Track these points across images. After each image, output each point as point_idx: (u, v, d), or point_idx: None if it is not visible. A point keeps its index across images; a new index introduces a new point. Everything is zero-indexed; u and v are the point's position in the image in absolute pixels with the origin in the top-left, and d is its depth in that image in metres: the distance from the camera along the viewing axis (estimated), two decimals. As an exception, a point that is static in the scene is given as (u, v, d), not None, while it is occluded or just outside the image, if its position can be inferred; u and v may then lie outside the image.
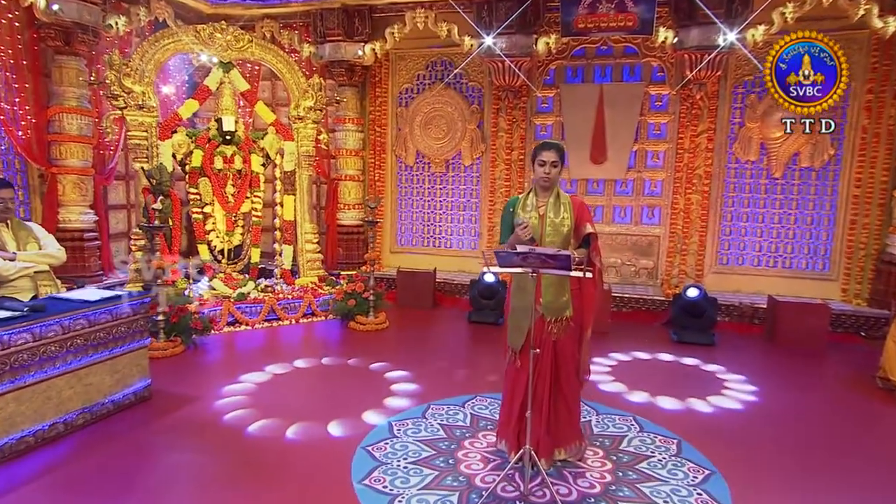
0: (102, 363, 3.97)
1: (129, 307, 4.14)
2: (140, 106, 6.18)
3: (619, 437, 3.83)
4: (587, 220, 3.22)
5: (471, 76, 8.10)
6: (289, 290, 7.05)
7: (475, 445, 3.67)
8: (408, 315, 7.22)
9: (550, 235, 3.18)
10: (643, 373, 5.24)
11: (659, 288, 7.57)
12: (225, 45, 6.73)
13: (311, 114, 7.28)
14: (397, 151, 8.51)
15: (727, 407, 4.48)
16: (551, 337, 3.25)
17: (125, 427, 3.89)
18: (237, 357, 5.57)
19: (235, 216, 7.00)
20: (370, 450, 3.58)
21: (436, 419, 4.06)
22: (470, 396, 4.48)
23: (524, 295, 3.23)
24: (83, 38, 6.32)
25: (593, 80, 7.60)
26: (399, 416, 4.09)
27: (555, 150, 3.21)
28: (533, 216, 3.20)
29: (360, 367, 5.22)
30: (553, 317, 3.23)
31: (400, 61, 8.37)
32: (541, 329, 3.24)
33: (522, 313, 3.24)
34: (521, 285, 3.25)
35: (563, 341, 3.27)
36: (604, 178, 7.73)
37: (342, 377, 5.00)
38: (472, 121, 8.07)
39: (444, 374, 5.09)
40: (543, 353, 3.26)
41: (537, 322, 3.22)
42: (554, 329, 3.24)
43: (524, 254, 2.85)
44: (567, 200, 3.22)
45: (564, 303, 3.24)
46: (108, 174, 7.16)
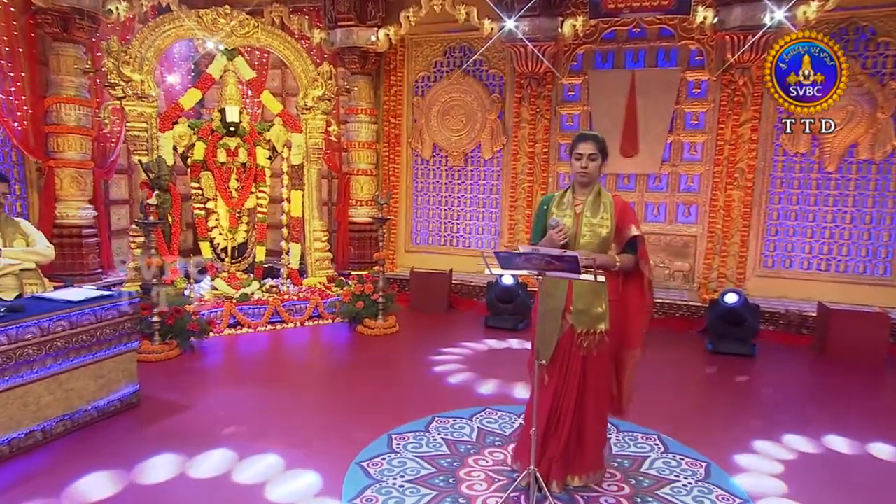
0: (85, 367, 3.93)
1: (114, 308, 4.10)
2: (139, 95, 6.18)
3: (640, 457, 3.64)
4: (632, 221, 3.06)
5: (491, 63, 7.95)
6: (295, 290, 7.00)
7: (480, 463, 3.53)
8: (421, 319, 7.11)
9: (586, 237, 3.02)
10: (674, 384, 5.03)
11: (695, 293, 7.31)
12: (229, 31, 6.70)
13: (320, 104, 7.22)
14: (413, 144, 8.41)
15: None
16: (581, 351, 3.08)
17: (109, 436, 3.85)
18: (235, 362, 5.53)
19: (239, 212, 6.98)
20: (365, 466, 3.47)
21: (439, 433, 3.93)
22: (479, 409, 4.35)
23: (552, 301, 3.09)
24: (81, 24, 6.37)
25: (624, 65, 7.39)
26: (399, 429, 3.98)
27: (592, 141, 3.05)
28: (568, 215, 3.06)
29: (363, 373, 5.12)
30: (584, 328, 3.06)
31: (416, 47, 8.27)
32: (569, 341, 3.08)
33: (551, 322, 3.09)
34: (549, 290, 3.09)
35: (595, 358, 3.09)
36: (635, 173, 7.52)
37: (342, 384, 4.91)
38: (493, 111, 7.93)
39: (453, 382, 4.96)
40: (570, 369, 3.10)
41: (566, 333, 3.08)
42: (584, 343, 3.07)
43: (527, 254, 2.70)
44: (609, 200, 3.07)
45: (599, 314, 3.06)
46: (108, 168, 7.21)
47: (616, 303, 3.10)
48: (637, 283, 3.12)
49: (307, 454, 3.63)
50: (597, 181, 3.11)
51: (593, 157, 3.05)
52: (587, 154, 3.04)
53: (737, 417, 4.37)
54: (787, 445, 3.91)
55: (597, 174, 3.08)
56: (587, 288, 3.02)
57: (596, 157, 3.05)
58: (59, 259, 6.54)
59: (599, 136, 3.11)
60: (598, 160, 3.06)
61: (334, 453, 3.63)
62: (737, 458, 3.68)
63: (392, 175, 8.44)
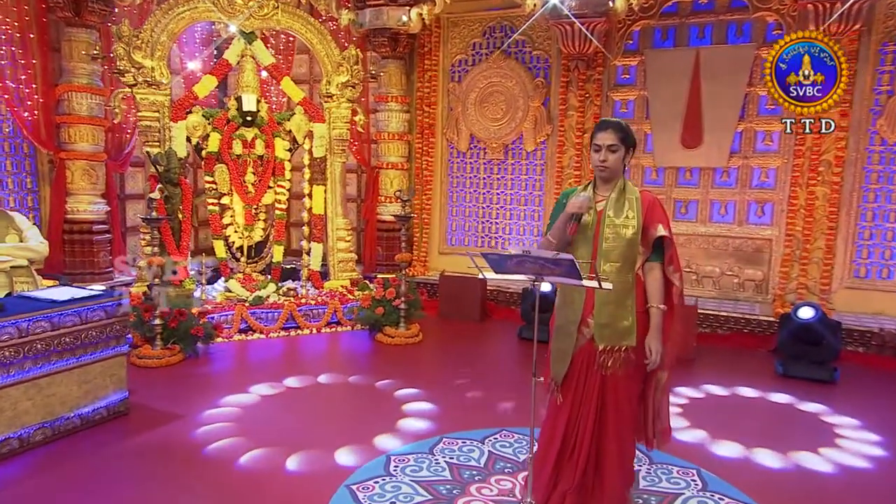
0: (68, 372, 4.04)
1: (101, 309, 4.19)
2: (149, 82, 6.36)
3: (671, 495, 3.42)
4: (660, 220, 2.88)
5: (535, 43, 7.80)
6: (315, 294, 7.04)
7: (483, 492, 3.41)
8: (448, 328, 7.02)
9: (609, 240, 2.88)
10: (726, 413, 4.75)
11: (769, 305, 6.92)
12: (247, 13, 6.82)
13: (344, 91, 7.25)
14: (448, 135, 8.34)
15: (845, 463, 3.93)
16: (601, 370, 2.92)
17: (91, 446, 3.94)
18: (240, 370, 5.59)
19: (256, 208, 7.08)
20: (354, 489, 3.41)
21: (444, 455, 3.84)
22: (493, 431, 4.23)
23: (571, 311, 2.95)
24: (94, 7, 6.60)
25: (688, 43, 7.11)
26: (400, 450, 3.91)
27: (612, 129, 2.89)
28: (589, 213, 2.92)
29: (364, 386, 5.12)
30: (607, 344, 2.89)
31: (452, 28, 8.21)
32: (587, 358, 2.93)
33: (568, 335, 2.97)
34: (567, 298, 2.98)
35: (618, 380, 2.92)
36: (699, 167, 7.22)
37: (340, 399, 4.91)
38: (537, 97, 7.77)
39: (470, 400, 4.87)
40: (586, 391, 2.96)
41: (582, 348, 2.94)
42: (607, 361, 2.91)
43: (518, 257, 2.58)
44: (635, 196, 2.91)
45: (625, 328, 2.89)
46: (123, 160, 7.45)
47: (644, 315, 2.93)
48: (666, 291, 2.94)
49: (294, 473, 3.61)
50: (621, 175, 2.96)
51: (613, 149, 2.88)
52: (606, 145, 2.88)
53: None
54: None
55: (619, 168, 2.92)
56: (611, 296, 2.87)
57: (617, 148, 2.88)
58: (68, 256, 6.87)
59: (622, 123, 2.95)
60: (620, 152, 2.89)
61: (324, 473, 3.59)
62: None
63: (425, 169, 8.40)
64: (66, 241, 6.82)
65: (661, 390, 3.02)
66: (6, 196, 6.64)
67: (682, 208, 7.36)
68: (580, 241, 2.94)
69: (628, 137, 2.91)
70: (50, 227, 6.81)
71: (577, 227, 2.89)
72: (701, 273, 7.32)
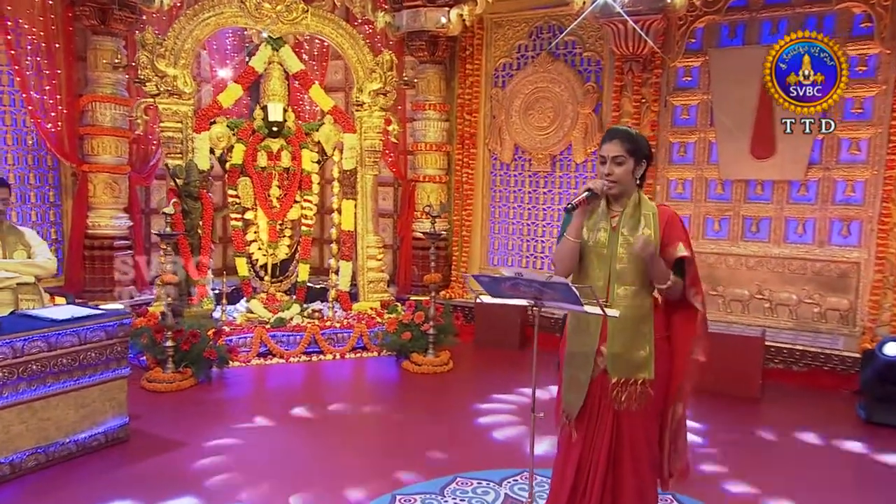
0: (65, 395, 4.20)
1: (101, 329, 4.35)
2: (171, 92, 6.61)
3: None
4: (679, 238, 2.84)
5: (586, 44, 7.74)
6: (341, 316, 7.12)
7: (489, 544, 3.34)
8: (483, 356, 6.97)
9: (623, 260, 2.84)
10: (786, 462, 4.53)
11: (857, 339, 6.58)
12: (274, 17, 7.02)
13: (377, 99, 7.35)
14: (490, 145, 8.35)
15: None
16: (614, 405, 2.86)
17: (85, 474, 4.08)
18: (253, 397, 5.70)
19: (281, 224, 7.24)
20: (350, 535, 3.39)
21: (455, 497, 3.81)
22: (516, 471, 4.16)
23: (587, 336, 2.92)
24: (120, 15, 6.93)
25: (759, 40, 6.90)
26: (409, 489, 3.90)
27: (619, 140, 2.86)
28: (602, 229, 2.90)
29: (379, 417, 5.13)
30: (621, 376, 2.85)
31: (496, 29, 8.24)
32: (600, 390, 2.89)
33: (581, 364, 2.94)
34: (581, 323, 2.95)
35: (633, 416, 2.86)
36: (772, 180, 6.98)
37: (352, 431, 4.93)
38: (587, 103, 7.69)
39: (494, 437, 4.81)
40: (599, 426, 2.90)
41: (597, 378, 2.90)
42: (621, 396, 2.85)
43: (511, 279, 2.56)
44: (652, 211, 2.88)
45: (642, 359, 2.85)
46: (148, 173, 7.76)
47: (662, 342, 2.89)
48: (685, 316, 2.89)
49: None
50: (634, 189, 2.91)
51: (619, 161, 2.83)
52: (611, 157, 2.84)
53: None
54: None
55: (628, 182, 2.87)
56: (626, 323, 2.82)
57: (623, 160, 2.83)
58: (88, 273, 7.17)
59: (632, 132, 2.91)
60: (628, 164, 2.84)
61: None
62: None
63: (465, 182, 8.41)
64: (86, 258, 7.12)
65: (677, 424, 2.94)
66: (28, 210, 7.02)
67: (752, 226, 7.12)
68: (593, 261, 2.90)
69: (639, 149, 2.86)
70: (71, 242, 7.14)
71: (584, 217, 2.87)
72: (775, 300, 7.03)
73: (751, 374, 5.92)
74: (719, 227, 7.26)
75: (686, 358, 2.87)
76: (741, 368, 5.91)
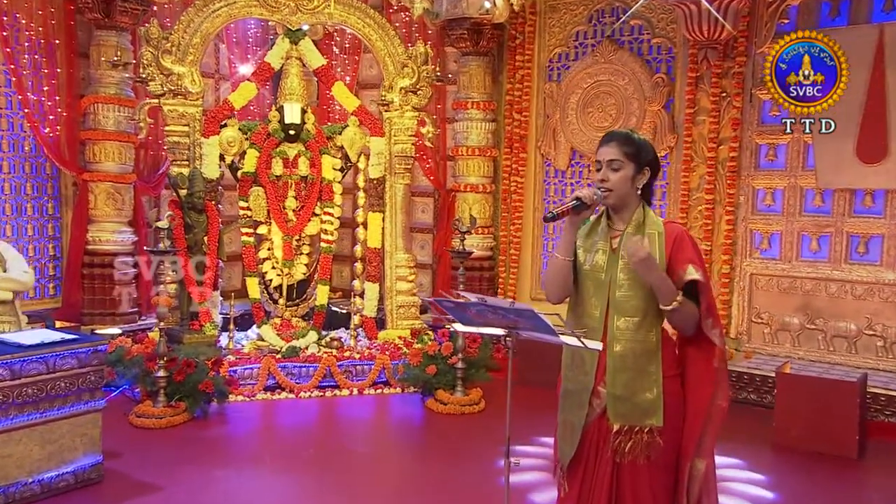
0: (29, 429, 4.32)
1: (72, 357, 4.48)
2: (175, 92, 6.82)
3: None
4: (689, 259, 2.77)
5: (655, 29, 7.63)
6: (364, 346, 7.15)
7: None
8: (522, 395, 6.75)
9: (624, 287, 2.80)
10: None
11: None
12: (293, 7, 7.18)
13: (408, 97, 7.40)
14: (543, 149, 8.30)
15: None
16: (616, 456, 2.79)
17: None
18: (252, 437, 5.78)
19: (298, 240, 7.34)
20: None
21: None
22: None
23: (582, 374, 2.88)
24: (125, 7, 7.22)
25: (869, 19, 6.71)
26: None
27: (617, 142, 2.82)
28: (601, 249, 2.87)
29: (378, 465, 5.17)
30: (624, 423, 2.78)
31: (551, 14, 8.24)
32: (597, 436, 2.84)
33: (578, 405, 2.88)
34: (576, 357, 2.91)
35: (639, 469, 2.78)
36: (884, 189, 6.70)
37: (341, 481, 4.93)
38: (656, 98, 7.57)
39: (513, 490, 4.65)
40: (596, 479, 2.84)
41: (593, 423, 2.85)
42: (624, 446, 2.78)
43: (475, 305, 2.54)
44: (657, 230, 2.83)
45: (648, 403, 2.78)
46: (156, 181, 8.04)
47: (673, 380, 2.82)
48: (700, 350, 2.82)
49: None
50: (638, 203, 2.85)
51: (616, 166, 2.78)
52: (606, 160, 2.80)
53: None
54: None
55: (627, 191, 2.81)
56: (628, 361, 2.77)
57: (620, 165, 2.77)
58: (87, 294, 7.44)
59: (634, 135, 2.86)
60: (626, 170, 2.78)
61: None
62: None
63: (514, 192, 8.41)
64: (84, 276, 7.39)
65: (699, 484, 2.80)
66: (25, 223, 7.35)
67: (858, 246, 6.81)
68: (589, 287, 2.86)
69: (640, 153, 2.80)
70: (69, 259, 7.44)
71: (576, 223, 2.80)
72: (891, 338, 6.66)
73: (845, 428, 5.59)
74: (818, 247, 6.99)
75: (704, 403, 2.78)
76: (833, 421, 5.61)
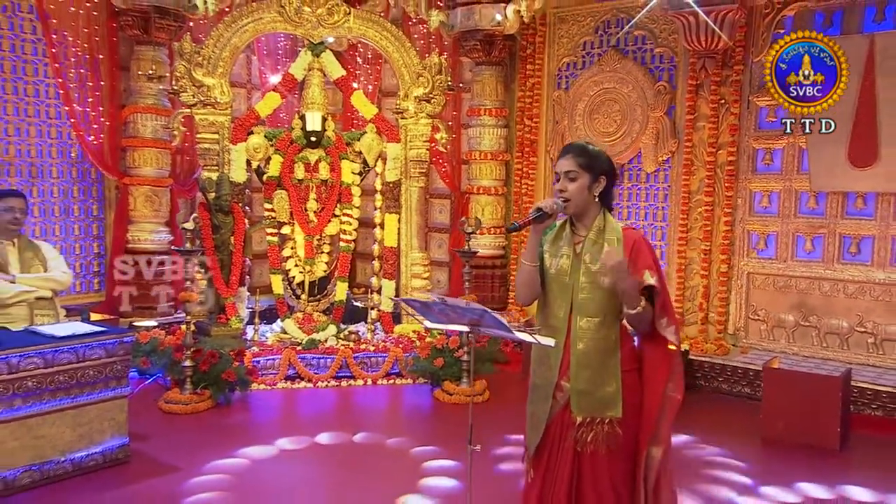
0: (61, 412, 4.65)
1: (100, 347, 4.80)
2: (205, 102, 7.13)
3: None
4: (645, 265, 2.89)
5: (658, 39, 7.71)
6: (380, 339, 7.39)
7: None
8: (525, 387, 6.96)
9: (585, 290, 2.92)
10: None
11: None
12: (315, 22, 7.43)
13: (423, 105, 7.60)
14: (552, 153, 8.41)
15: None
16: (577, 446, 2.93)
17: (78, 494, 4.51)
18: (269, 423, 6.06)
19: (319, 239, 7.61)
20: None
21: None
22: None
23: (547, 369, 3.01)
24: (162, 23, 7.56)
25: (860, 29, 6.73)
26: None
27: (573, 154, 2.96)
28: (564, 255, 2.99)
29: (377, 449, 5.32)
30: (587, 415, 2.91)
31: (560, 25, 8.36)
32: (560, 429, 2.97)
33: (544, 398, 3.02)
34: (542, 354, 3.04)
35: (598, 458, 2.92)
36: (874, 192, 6.72)
37: (341, 462, 5.17)
38: (659, 105, 7.65)
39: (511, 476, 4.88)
40: (558, 468, 2.96)
41: (557, 415, 2.98)
42: (585, 436, 2.92)
43: (437, 305, 2.74)
44: (616, 237, 2.94)
45: (609, 396, 2.91)
46: (191, 185, 8.38)
47: (631, 374, 2.95)
48: (656, 347, 2.94)
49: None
50: (598, 210, 2.97)
51: (572, 176, 2.91)
52: (563, 172, 2.93)
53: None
54: None
55: (584, 199, 2.92)
56: (591, 357, 2.90)
57: (576, 175, 2.90)
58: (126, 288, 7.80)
59: (589, 147, 3.00)
60: (583, 179, 2.91)
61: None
62: None
63: (525, 194, 8.54)
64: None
65: (654, 471, 2.93)
66: (72, 224, 7.78)
67: (850, 247, 6.84)
68: (554, 290, 2.98)
69: (594, 164, 2.92)
70: (112, 257, 7.82)
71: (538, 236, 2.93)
72: (881, 335, 6.69)
73: (828, 421, 5.65)
74: (812, 247, 7.03)
75: (659, 395, 2.89)
76: (817, 414, 5.67)
